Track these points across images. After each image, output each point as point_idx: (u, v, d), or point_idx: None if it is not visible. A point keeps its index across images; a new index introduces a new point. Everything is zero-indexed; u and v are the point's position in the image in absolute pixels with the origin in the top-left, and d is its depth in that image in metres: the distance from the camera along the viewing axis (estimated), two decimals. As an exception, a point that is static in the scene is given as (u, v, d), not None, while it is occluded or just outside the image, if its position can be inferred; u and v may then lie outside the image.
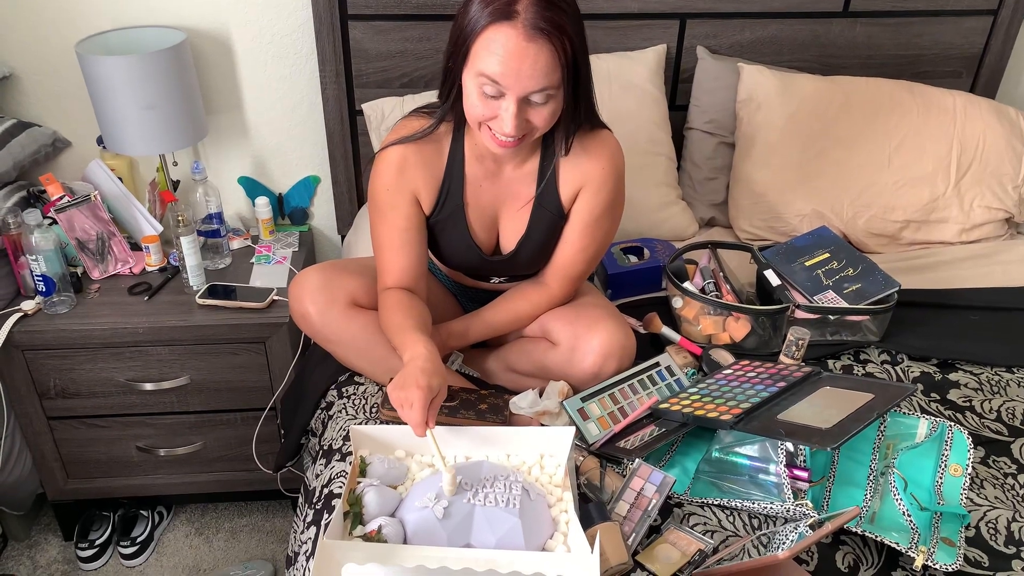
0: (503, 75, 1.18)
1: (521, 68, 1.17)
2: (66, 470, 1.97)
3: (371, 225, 1.46)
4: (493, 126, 1.26)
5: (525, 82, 1.19)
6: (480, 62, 1.20)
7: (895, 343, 1.65)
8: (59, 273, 1.76)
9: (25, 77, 1.98)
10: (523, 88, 1.20)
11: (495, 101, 1.23)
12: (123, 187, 1.95)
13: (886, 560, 1.19)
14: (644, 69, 2.01)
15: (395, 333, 1.36)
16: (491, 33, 1.17)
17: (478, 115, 1.26)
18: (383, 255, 1.45)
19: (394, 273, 1.44)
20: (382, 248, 1.45)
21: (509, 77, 1.18)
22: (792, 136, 1.99)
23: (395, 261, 1.44)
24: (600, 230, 1.47)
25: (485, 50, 1.18)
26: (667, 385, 1.52)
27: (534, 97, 1.22)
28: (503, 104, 1.22)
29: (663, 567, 1.16)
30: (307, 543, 1.30)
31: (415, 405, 1.19)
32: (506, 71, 1.18)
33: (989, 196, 2.00)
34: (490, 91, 1.21)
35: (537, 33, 1.16)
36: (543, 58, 1.18)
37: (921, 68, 2.17)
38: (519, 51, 1.16)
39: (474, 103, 1.25)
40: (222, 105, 2.07)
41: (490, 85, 1.21)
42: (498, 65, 1.18)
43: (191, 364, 1.85)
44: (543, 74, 1.19)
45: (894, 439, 1.33)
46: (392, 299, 1.42)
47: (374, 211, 1.44)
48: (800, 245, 1.78)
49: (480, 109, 1.25)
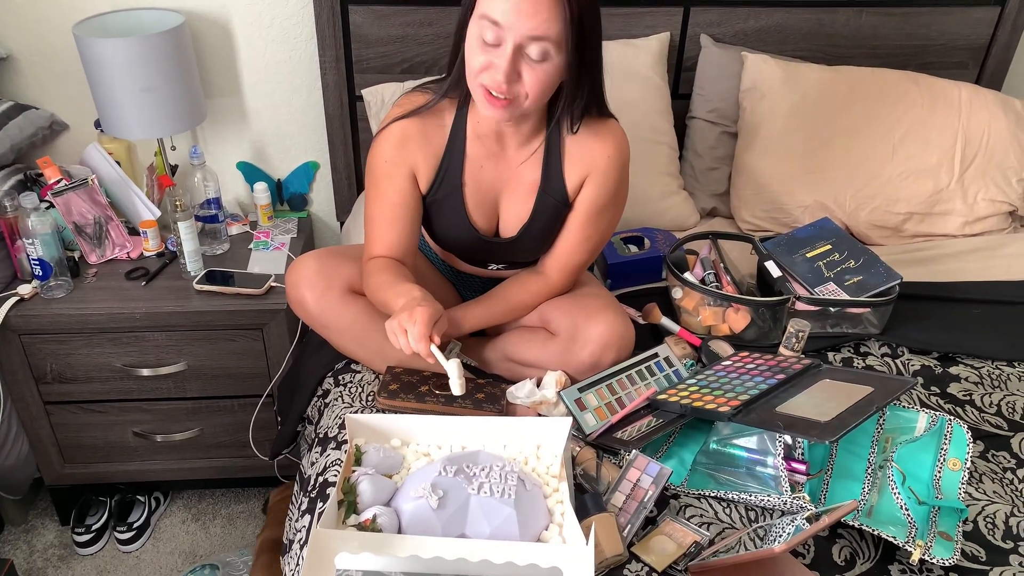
0: (504, 11, 1.17)
1: (522, 6, 1.16)
2: (63, 455, 1.97)
3: (366, 196, 1.45)
4: (486, 79, 1.24)
5: (525, 21, 1.17)
6: (485, 4, 1.19)
7: (896, 336, 1.64)
8: (56, 257, 1.76)
9: (23, 59, 1.96)
10: (521, 29, 1.18)
11: (493, 49, 1.21)
12: (121, 171, 1.94)
13: (883, 554, 1.18)
14: (647, 57, 1.99)
15: (384, 288, 1.34)
16: None
17: (475, 65, 1.24)
18: (372, 227, 1.44)
19: (382, 246, 1.43)
20: (373, 220, 1.44)
21: (510, 15, 1.17)
22: (796, 126, 1.98)
23: (384, 235, 1.42)
24: (603, 220, 1.46)
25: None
26: (665, 376, 1.51)
27: (531, 49, 1.20)
28: (499, 51, 1.21)
29: (659, 559, 1.15)
30: (301, 531, 1.29)
31: (417, 320, 1.19)
32: (507, 7, 1.17)
33: (993, 189, 1.98)
34: (490, 37, 1.20)
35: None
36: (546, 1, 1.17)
37: (927, 59, 2.15)
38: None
39: (473, 51, 1.24)
40: (221, 89, 2.06)
41: (491, 29, 1.19)
42: (501, 1, 1.17)
43: (188, 350, 1.84)
44: (544, 20, 1.17)
45: (893, 433, 1.32)
46: (378, 264, 1.41)
47: (370, 182, 1.43)
48: (802, 236, 1.76)
49: (477, 57, 1.23)
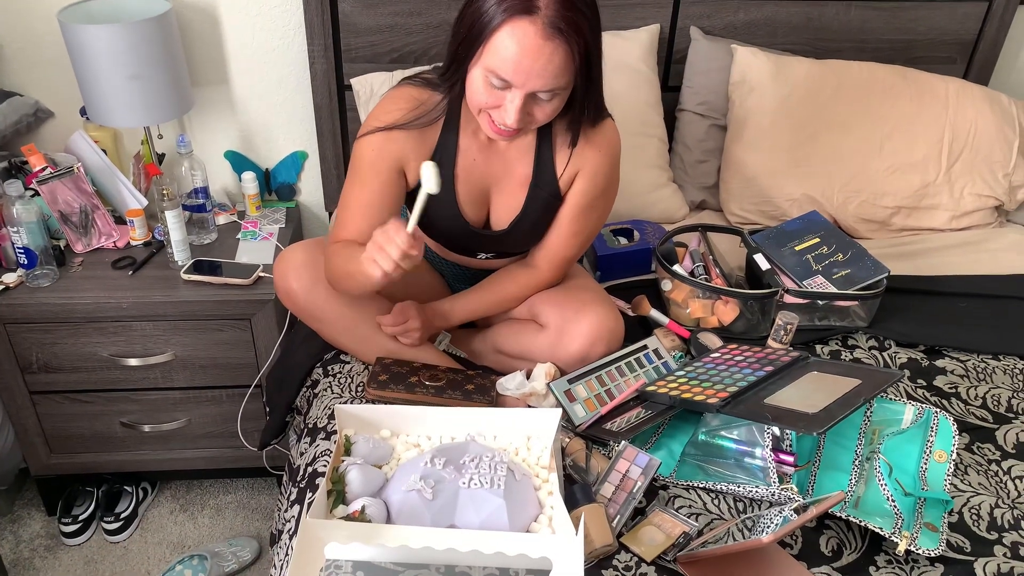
0: (515, 73, 1.17)
1: (534, 67, 1.16)
2: (49, 445, 1.95)
3: (347, 180, 1.42)
4: (494, 115, 1.25)
5: (535, 80, 1.18)
6: (493, 57, 1.17)
7: (883, 329, 1.65)
8: (41, 246, 1.74)
9: (6, 45, 1.93)
10: (532, 86, 1.19)
11: (500, 92, 1.21)
12: (107, 159, 1.92)
13: (869, 544, 1.20)
14: (637, 48, 1.99)
15: (351, 260, 1.29)
16: (508, 28, 1.15)
17: (480, 103, 1.24)
18: (346, 213, 1.41)
19: (350, 232, 1.39)
20: (348, 206, 1.41)
21: (520, 75, 1.17)
22: (784, 120, 1.98)
23: (356, 222, 1.39)
24: (594, 214, 1.46)
25: (500, 45, 1.16)
26: (654, 368, 1.52)
27: (541, 94, 1.21)
28: (508, 96, 1.21)
29: (648, 549, 1.16)
30: (291, 521, 1.29)
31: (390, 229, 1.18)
32: (518, 69, 1.16)
33: (980, 183, 1.99)
34: (497, 84, 1.20)
35: (555, 33, 1.14)
36: (557, 59, 1.16)
37: (915, 53, 2.15)
38: (534, 49, 1.15)
39: (478, 91, 1.23)
40: (208, 77, 2.04)
41: (499, 79, 1.19)
42: (511, 63, 1.16)
43: (176, 340, 1.83)
44: (553, 75, 1.18)
45: (880, 425, 1.33)
46: (344, 244, 1.37)
47: (354, 168, 1.40)
48: (790, 230, 1.77)
49: (484, 98, 1.23)
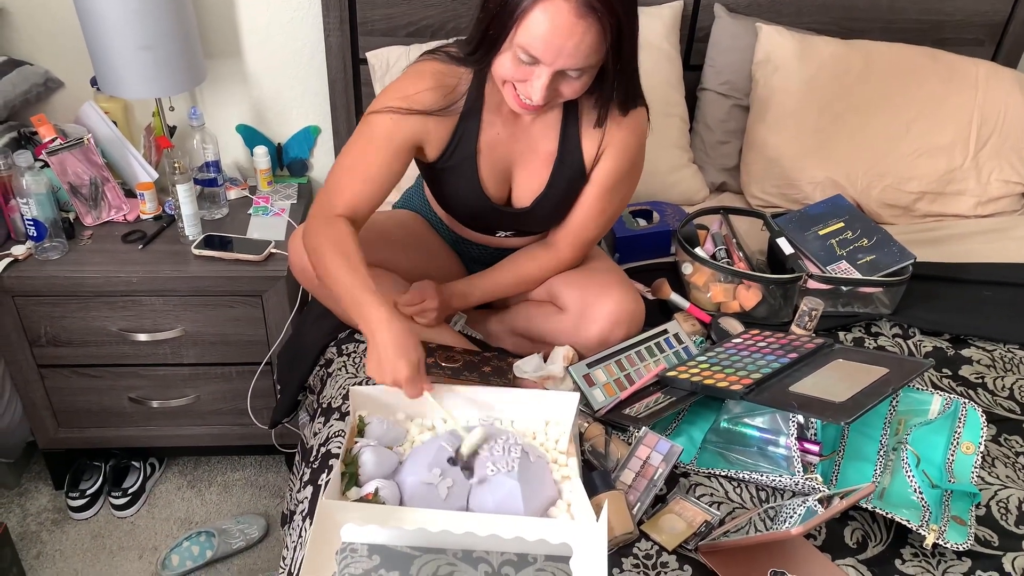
0: (545, 51, 1.14)
1: (565, 45, 1.13)
2: (57, 419, 1.94)
3: (351, 143, 1.36)
4: (520, 88, 1.22)
5: (565, 59, 1.15)
6: (524, 34, 1.14)
7: (907, 316, 1.62)
8: (51, 218, 1.71)
9: (17, 12, 1.90)
10: (561, 64, 1.16)
11: (528, 67, 1.18)
12: (117, 131, 1.89)
13: (895, 537, 1.17)
14: (660, 25, 1.94)
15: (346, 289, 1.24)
16: (542, 5, 1.11)
17: (506, 75, 1.22)
18: (345, 175, 1.35)
19: (346, 197, 1.33)
20: (347, 169, 1.35)
21: (550, 53, 1.14)
22: (809, 101, 1.94)
23: (354, 188, 1.33)
24: (618, 195, 1.43)
25: (532, 22, 1.13)
26: (675, 353, 1.49)
27: (570, 72, 1.18)
28: (536, 71, 1.18)
29: (669, 538, 1.13)
30: (303, 502, 1.27)
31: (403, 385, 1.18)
32: (548, 47, 1.14)
33: (1008, 169, 1.95)
34: (525, 59, 1.17)
35: (588, 11, 1.11)
36: (589, 37, 1.13)
37: (943, 35, 2.10)
38: (567, 27, 1.12)
39: (505, 65, 1.20)
40: (221, 49, 2.00)
41: (528, 56, 1.16)
42: (541, 40, 1.13)
43: (186, 315, 1.80)
44: (584, 54, 1.15)
45: (906, 415, 1.30)
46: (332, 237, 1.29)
47: (365, 134, 1.34)
48: (814, 213, 1.73)
49: (511, 72, 1.20)
